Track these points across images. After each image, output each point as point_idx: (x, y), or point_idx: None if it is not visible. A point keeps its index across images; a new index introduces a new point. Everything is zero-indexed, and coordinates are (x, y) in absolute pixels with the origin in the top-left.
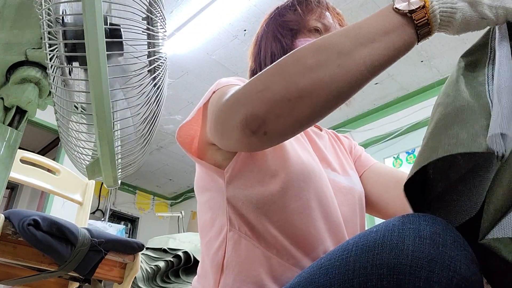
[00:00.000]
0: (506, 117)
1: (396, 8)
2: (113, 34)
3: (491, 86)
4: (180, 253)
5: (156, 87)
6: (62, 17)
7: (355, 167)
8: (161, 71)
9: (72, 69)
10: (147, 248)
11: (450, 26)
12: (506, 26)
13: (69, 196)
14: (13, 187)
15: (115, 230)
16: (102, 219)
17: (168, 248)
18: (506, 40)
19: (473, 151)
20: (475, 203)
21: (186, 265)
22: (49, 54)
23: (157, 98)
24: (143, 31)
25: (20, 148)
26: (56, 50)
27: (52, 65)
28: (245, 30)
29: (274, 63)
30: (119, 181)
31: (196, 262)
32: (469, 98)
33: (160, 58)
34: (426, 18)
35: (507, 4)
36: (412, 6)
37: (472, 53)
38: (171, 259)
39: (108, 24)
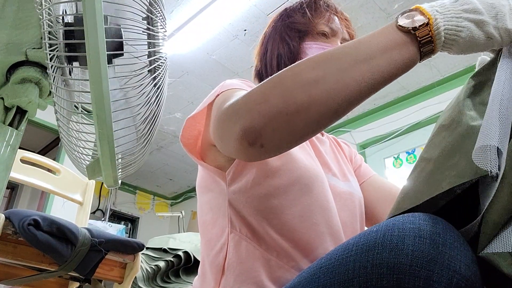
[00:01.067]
0: (504, 126)
1: (399, 25)
2: (114, 34)
3: None
4: (180, 253)
5: (156, 87)
6: (63, 17)
7: None
8: (161, 71)
9: (72, 69)
10: (147, 248)
11: (455, 45)
12: None
13: (69, 196)
14: (13, 187)
15: (115, 230)
16: (102, 219)
17: (168, 248)
18: (510, 58)
19: (471, 179)
20: (478, 211)
21: (186, 265)
22: (50, 54)
23: (157, 98)
24: (143, 31)
25: (20, 148)
26: (57, 50)
27: (52, 65)
28: (245, 30)
29: (274, 75)
30: (119, 181)
31: (197, 262)
32: (472, 123)
33: (160, 58)
34: (430, 36)
35: (509, 26)
36: (416, 23)
37: (481, 73)
38: (171, 259)
39: (109, 24)
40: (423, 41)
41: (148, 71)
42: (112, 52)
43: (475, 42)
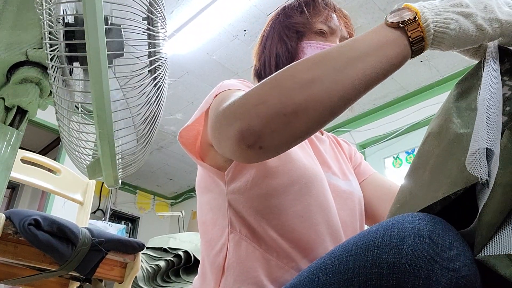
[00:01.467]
0: (492, 128)
1: (389, 22)
2: (114, 35)
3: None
4: (180, 252)
5: (157, 87)
6: (63, 17)
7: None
8: (162, 71)
9: (72, 69)
10: (147, 248)
11: (446, 37)
12: (497, 50)
13: (69, 196)
14: (14, 187)
15: (116, 229)
16: (103, 218)
17: (168, 248)
18: (496, 59)
19: (463, 187)
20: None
21: (187, 264)
22: (50, 54)
23: (158, 98)
24: (143, 32)
25: (21, 148)
26: (57, 50)
27: (52, 65)
28: (245, 30)
29: (271, 75)
30: (120, 181)
31: (197, 261)
32: (459, 130)
33: (161, 58)
34: (419, 30)
35: (500, 16)
36: (403, 18)
37: (466, 79)
38: (172, 259)
39: (109, 24)
40: (413, 35)
41: (148, 71)
42: (112, 52)
43: (465, 33)
